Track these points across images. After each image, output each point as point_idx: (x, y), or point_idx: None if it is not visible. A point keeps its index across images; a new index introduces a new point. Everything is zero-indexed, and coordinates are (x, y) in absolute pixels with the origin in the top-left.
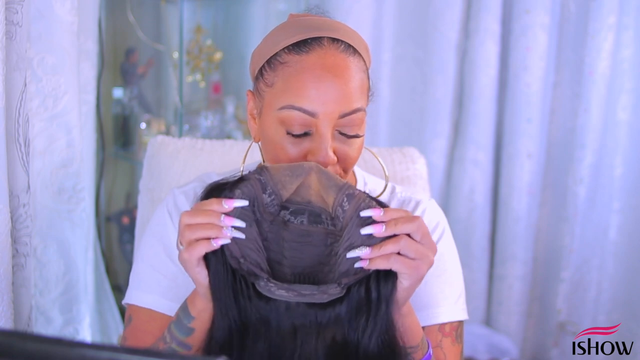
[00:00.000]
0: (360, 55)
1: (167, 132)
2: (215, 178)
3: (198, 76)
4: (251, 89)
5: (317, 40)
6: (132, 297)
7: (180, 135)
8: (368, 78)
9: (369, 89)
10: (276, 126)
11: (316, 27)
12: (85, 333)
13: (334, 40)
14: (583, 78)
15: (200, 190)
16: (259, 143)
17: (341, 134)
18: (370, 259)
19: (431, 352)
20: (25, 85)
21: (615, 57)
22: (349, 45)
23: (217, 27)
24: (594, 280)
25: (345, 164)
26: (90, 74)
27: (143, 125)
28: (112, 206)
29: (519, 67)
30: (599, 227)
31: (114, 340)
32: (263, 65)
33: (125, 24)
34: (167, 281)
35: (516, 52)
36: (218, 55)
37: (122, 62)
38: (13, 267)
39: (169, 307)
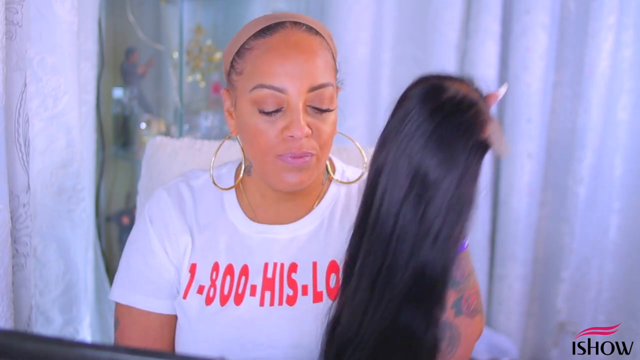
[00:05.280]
0: (323, 38)
1: (167, 132)
2: (201, 174)
3: (198, 76)
4: (224, 88)
5: (280, 24)
6: (114, 294)
7: (180, 135)
8: (334, 61)
9: (336, 71)
10: (250, 109)
11: (279, 16)
12: (85, 333)
13: (296, 23)
14: (583, 78)
15: (183, 187)
16: (238, 138)
17: (313, 108)
18: None
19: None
20: (25, 85)
21: (615, 57)
22: (311, 27)
23: (217, 27)
24: (594, 280)
25: (320, 139)
26: (90, 74)
27: (143, 125)
28: (112, 206)
29: (519, 67)
30: (599, 227)
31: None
32: (233, 58)
33: (125, 24)
34: (143, 278)
35: (516, 52)
36: (218, 55)
37: (122, 62)
38: (13, 267)
39: (150, 304)
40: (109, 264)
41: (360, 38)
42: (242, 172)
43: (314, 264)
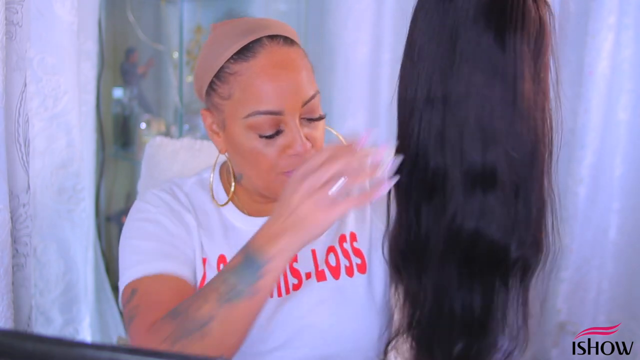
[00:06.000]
0: (297, 44)
1: (167, 132)
2: (185, 179)
3: None
4: (204, 108)
5: (257, 42)
6: (131, 274)
7: (180, 135)
8: (309, 61)
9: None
10: (246, 133)
11: (249, 29)
12: (85, 333)
13: (272, 37)
14: (583, 78)
15: (175, 189)
16: (226, 154)
17: (307, 119)
18: None
19: None
20: (25, 85)
21: (615, 57)
22: (286, 38)
23: None
24: (594, 280)
25: (316, 147)
26: (90, 74)
27: (143, 125)
28: (112, 206)
29: None
30: (599, 227)
31: (114, 340)
32: (212, 81)
33: (125, 24)
34: (168, 247)
35: None
36: None
37: (122, 62)
38: (13, 267)
39: (182, 271)
40: (109, 264)
41: (360, 38)
42: (232, 183)
43: (313, 252)
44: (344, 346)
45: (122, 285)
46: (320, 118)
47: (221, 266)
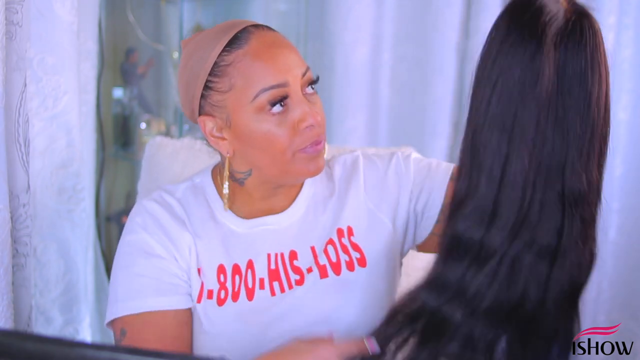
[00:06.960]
0: (277, 31)
1: (167, 132)
2: (177, 187)
3: None
4: (201, 115)
5: (243, 31)
6: (117, 310)
7: (180, 135)
8: None
9: None
10: (256, 117)
11: (230, 26)
12: (85, 333)
13: (256, 25)
14: None
15: (168, 197)
16: (231, 155)
17: (307, 95)
18: None
19: None
20: (25, 85)
21: (615, 57)
22: (268, 26)
23: None
24: (594, 280)
25: (323, 121)
26: (90, 74)
27: (143, 125)
28: (112, 206)
29: None
30: (599, 227)
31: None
32: (207, 81)
33: (125, 24)
34: (152, 280)
35: None
36: None
37: (122, 62)
38: (13, 267)
39: (165, 303)
40: (109, 264)
41: (360, 38)
42: (225, 187)
43: (312, 249)
44: (351, 337)
45: (110, 316)
46: (315, 93)
47: (221, 277)
